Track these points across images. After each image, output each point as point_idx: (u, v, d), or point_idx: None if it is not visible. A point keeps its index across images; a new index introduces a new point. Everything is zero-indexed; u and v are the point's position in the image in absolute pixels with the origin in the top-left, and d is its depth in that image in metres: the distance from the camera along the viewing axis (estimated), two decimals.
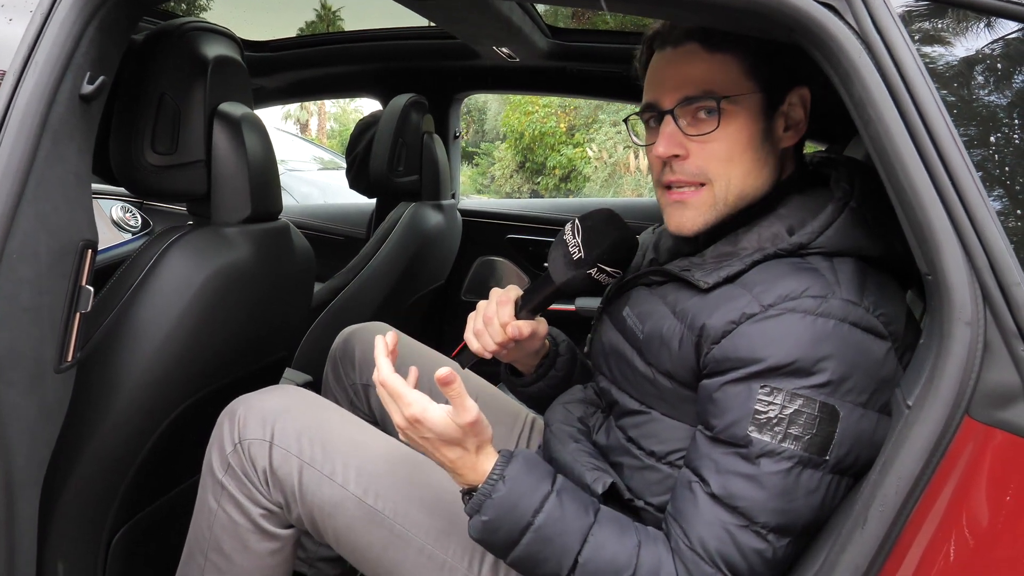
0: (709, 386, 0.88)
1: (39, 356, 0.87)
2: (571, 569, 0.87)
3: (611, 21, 6.15)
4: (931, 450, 0.74)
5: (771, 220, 0.94)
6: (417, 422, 0.90)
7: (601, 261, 1.02)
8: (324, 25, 8.44)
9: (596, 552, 0.87)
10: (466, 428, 0.89)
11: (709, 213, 0.95)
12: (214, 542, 1.06)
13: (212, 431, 1.08)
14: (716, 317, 0.88)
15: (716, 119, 0.92)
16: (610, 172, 10.55)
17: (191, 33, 1.13)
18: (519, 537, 0.87)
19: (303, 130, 15.70)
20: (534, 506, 0.87)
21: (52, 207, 0.85)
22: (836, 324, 0.83)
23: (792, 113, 0.95)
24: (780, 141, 0.96)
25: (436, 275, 2.48)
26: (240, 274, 1.15)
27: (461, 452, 0.91)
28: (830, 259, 0.89)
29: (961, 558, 0.72)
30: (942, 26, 0.82)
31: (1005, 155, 0.79)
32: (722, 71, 0.93)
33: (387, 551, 1.00)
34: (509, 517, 0.87)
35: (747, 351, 0.85)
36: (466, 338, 1.15)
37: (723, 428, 0.85)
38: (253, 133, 1.19)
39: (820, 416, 0.82)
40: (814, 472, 0.83)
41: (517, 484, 0.88)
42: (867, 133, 0.78)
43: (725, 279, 0.91)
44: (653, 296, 1.00)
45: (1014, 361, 0.72)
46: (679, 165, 0.95)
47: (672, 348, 0.93)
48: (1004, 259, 0.72)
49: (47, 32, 0.82)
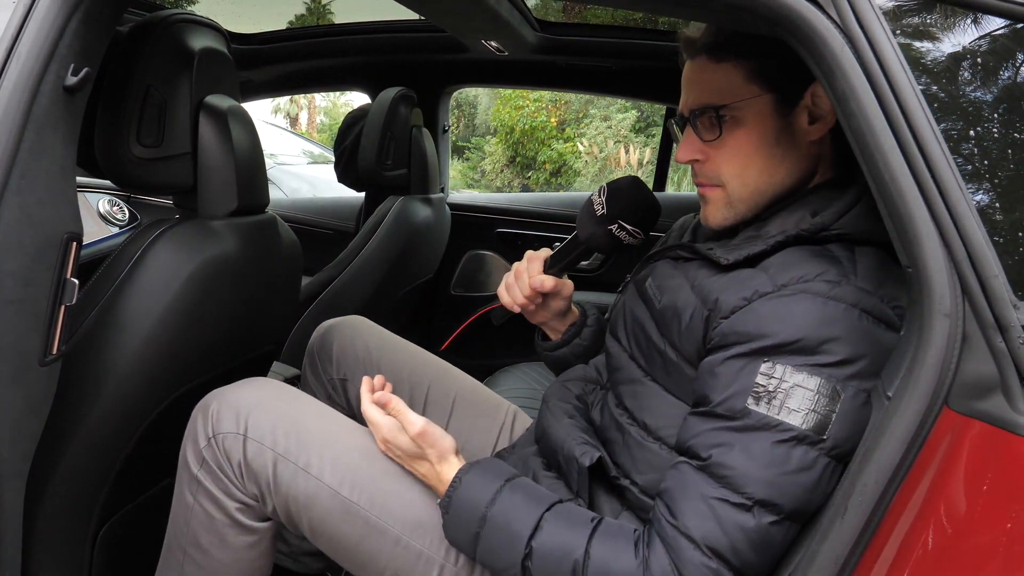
0: (712, 361, 0.89)
1: (23, 349, 0.87)
2: (527, 554, 0.91)
3: (601, 16, 6.15)
4: (910, 440, 0.75)
5: (798, 205, 0.97)
6: (387, 443, 1.03)
7: (622, 218, 1.12)
8: (314, 19, 8.38)
9: (548, 537, 0.91)
10: (417, 439, 1.00)
11: (728, 210, 1.01)
12: (192, 537, 1.06)
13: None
14: (730, 293, 0.90)
15: (719, 127, 0.97)
16: (601, 167, 10.56)
17: (177, 25, 1.13)
18: (478, 528, 0.94)
19: (293, 124, 15.63)
20: (489, 498, 0.95)
21: (36, 199, 0.85)
22: (847, 309, 0.84)
23: (819, 105, 0.95)
24: (807, 135, 0.97)
25: (425, 269, 2.48)
26: (227, 267, 1.15)
27: (427, 465, 1.02)
28: (851, 249, 0.91)
29: (939, 547, 0.73)
30: (925, 21, 0.83)
31: (985, 149, 0.80)
32: (725, 80, 0.97)
33: (363, 542, 1.01)
34: (467, 511, 0.95)
35: (755, 326, 0.86)
36: (498, 292, 1.25)
37: (721, 401, 0.86)
38: (239, 126, 1.19)
39: (820, 394, 0.82)
40: (809, 449, 0.82)
41: (473, 482, 0.97)
42: (849, 126, 0.79)
43: (745, 258, 0.93)
44: (677, 270, 1.02)
45: (992, 353, 0.73)
46: (699, 168, 1.02)
47: (683, 320, 0.95)
48: (983, 252, 0.73)
49: (30, 23, 0.82)
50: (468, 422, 1.35)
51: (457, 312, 2.74)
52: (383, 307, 2.18)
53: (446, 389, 1.38)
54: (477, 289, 2.78)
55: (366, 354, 1.39)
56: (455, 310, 2.75)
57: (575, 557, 0.88)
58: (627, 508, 1.01)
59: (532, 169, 11.45)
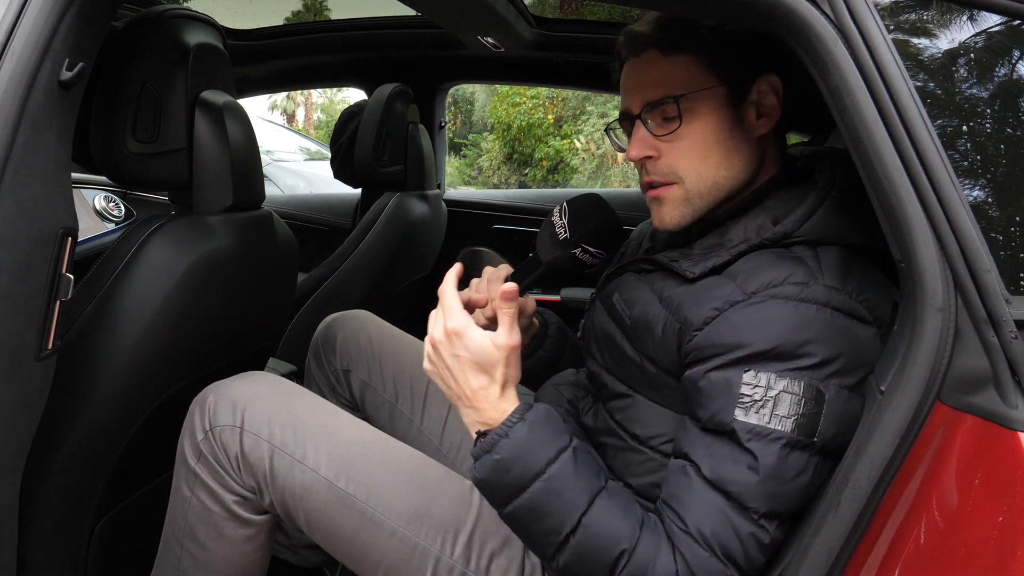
0: (693, 376, 0.89)
1: (19, 344, 0.87)
2: (573, 529, 0.85)
3: (598, 12, 6.15)
4: (903, 435, 0.76)
5: (757, 212, 0.97)
6: (456, 335, 0.89)
7: (586, 242, 1.05)
8: (311, 15, 8.35)
9: (601, 517, 0.85)
10: (505, 352, 0.89)
11: (685, 207, 0.99)
12: (189, 530, 1.06)
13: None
14: (700, 305, 0.89)
15: (679, 118, 0.96)
16: (598, 164, 10.55)
17: (172, 20, 1.12)
18: (528, 484, 0.85)
19: (290, 121, 15.61)
20: (549, 455, 0.86)
21: (31, 194, 0.85)
22: (819, 309, 0.85)
23: (764, 101, 0.97)
24: (754, 129, 0.97)
25: (421, 265, 2.48)
26: (222, 263, 1.15)
27: (487, 381, 0.90)
28: (814, 248, 0.91)
29: (931, 540, 0.73)
30: (919, 17, 0.83)
31: (979, 145, 0.81)
32: (680, 71, 0.96)
33: (359, 535, 1.01)
34: (522, 461, 0.86)
35: (731, 336, 0.86)
36: None
37: (710, 417, 0.86)
38: (235, 121, 1.19)
39: (805, 397, 0.83)
40: (802, 454, 0.83)
41: (536, 429, 0.87)
42: (842, 122, 0.79)
43: (711, 269, 0.93)
44: (642, 283, 1.02)
45: (984, 347, 0.74)
46: (653, 165, 0.99)
47: (655, 334, 0.94)
48: (975, 247, 0.73)
49: (24, 18, 0.82)
50: None
51: None
52: (379, 303, 2.18)
53: None
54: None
55: (368, 346, 1.39)
56: None
57: (623, 547, 0.84)
58: None
59: (529, 166, 11.44)
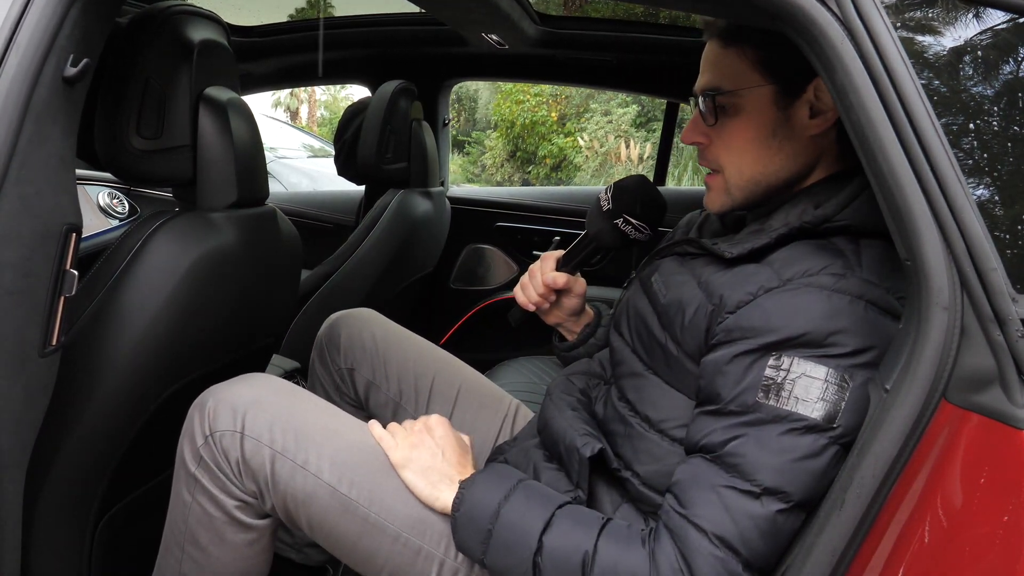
0: (719, 359, 0.89)
1: (23, 339, 0.87)
2: (537, 550, 0.91)
3: (602, 9, 6.14)
4: (908, 433, 0.75)
5: (801, 198, 0.98)
6: (426, 426, 1.09)
7: (627, 212, 1.16)
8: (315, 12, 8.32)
9: (558, 533, 0.91)
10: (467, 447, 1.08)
11: (725, 197, 1.02)
12: (190, 535, 1.06)
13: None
14: (735, 289, 0.90)
15: (725, 110, 0.98)
16: (601, 161, 10.55)
17: (176, 16, 1.12)
18: (490, 524, 0.94)
19: (293, 118, 15.61)
20: (500, 496, 0.96)
21: (36, 190, 0.85)
22: (852, 300, 0.84)
23: (822, 99, 0.95)
24: (806, 129, 0.96)
25: (425, 263, 2.48)
26: (226, 259, 1.15)
27: (439, 460, 1.03)
28: (856, 241, 0.91)
29: (936, 539, 0.73)
30: (925, 14, 0.83)
31: (986, 143, 0.80)
32: (730, 66, 0.97)
33: (362, 539, 1.00)
34: (480, 509, 0.96)
35: (761, 321, 0.86)
36: (514, 292, 1.29)
37: (732, 397, 0.86)
38: (239, 118, 1.19)
39: (828, 382, 0.82)
40: (819, 437, 0.83)
41: (487, 481, 0.99)
42: (849, 119, 0.78)
43: (750, 251, 0.93)
44: (683, 267, 1.03)
45: (990, 346, 0.73)
46: (702, 152, 1.04)
47: (687, 315, 0.95)
48: (981, 245, 0.73)
49: (29, 13, 0.82)
50: (471, 413, 1.36)
51: (457, 306, 2.74)
52: (383, 300, 2.18)
53: (451, 380, 1.39)
54: (477, 283, 2.78)
55: (373, 344, 1.39)
56: (455, 304, 2.74)
57: (584, 549, 0.89)
58: (628, 500, 1.01)
59: (532, 164, 11.44)
